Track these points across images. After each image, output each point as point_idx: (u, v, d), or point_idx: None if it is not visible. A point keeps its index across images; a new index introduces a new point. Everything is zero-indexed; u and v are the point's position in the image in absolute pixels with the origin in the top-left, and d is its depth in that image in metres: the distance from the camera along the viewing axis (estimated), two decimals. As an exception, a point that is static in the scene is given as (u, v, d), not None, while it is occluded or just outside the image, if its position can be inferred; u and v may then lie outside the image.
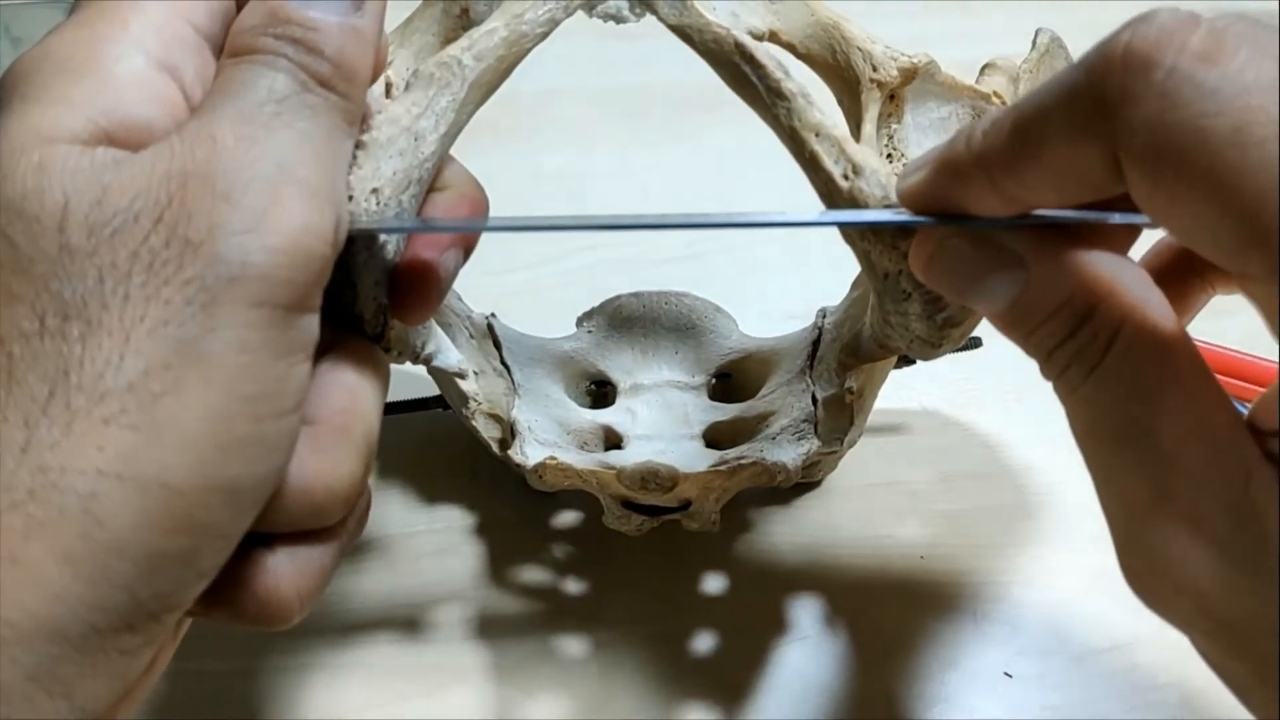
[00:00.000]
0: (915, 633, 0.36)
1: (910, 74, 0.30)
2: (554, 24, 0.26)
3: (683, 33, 0.26)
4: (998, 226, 0.22)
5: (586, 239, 0.40)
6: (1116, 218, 0.21)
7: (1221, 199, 0.18)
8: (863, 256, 0.25)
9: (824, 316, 0.38)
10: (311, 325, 0.21)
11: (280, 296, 0.19)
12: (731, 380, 0.40)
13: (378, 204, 0.24)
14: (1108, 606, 0.37)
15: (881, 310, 0.26)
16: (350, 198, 0.23)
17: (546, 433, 0.36)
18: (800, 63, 0.30)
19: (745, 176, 0.50)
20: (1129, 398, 0.20)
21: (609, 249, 0.46)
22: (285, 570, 0.22)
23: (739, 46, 0.25)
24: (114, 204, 0.19)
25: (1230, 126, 0.17)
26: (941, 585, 0.38)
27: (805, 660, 0.36)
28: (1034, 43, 0.37)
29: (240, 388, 0.19)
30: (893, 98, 0.31)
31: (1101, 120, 0.19)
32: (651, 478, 0.31)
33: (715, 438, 0.38)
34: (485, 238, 0.27)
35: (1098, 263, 0.21)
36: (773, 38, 0.29)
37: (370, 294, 0.24)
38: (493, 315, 0.39)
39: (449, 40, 0.30)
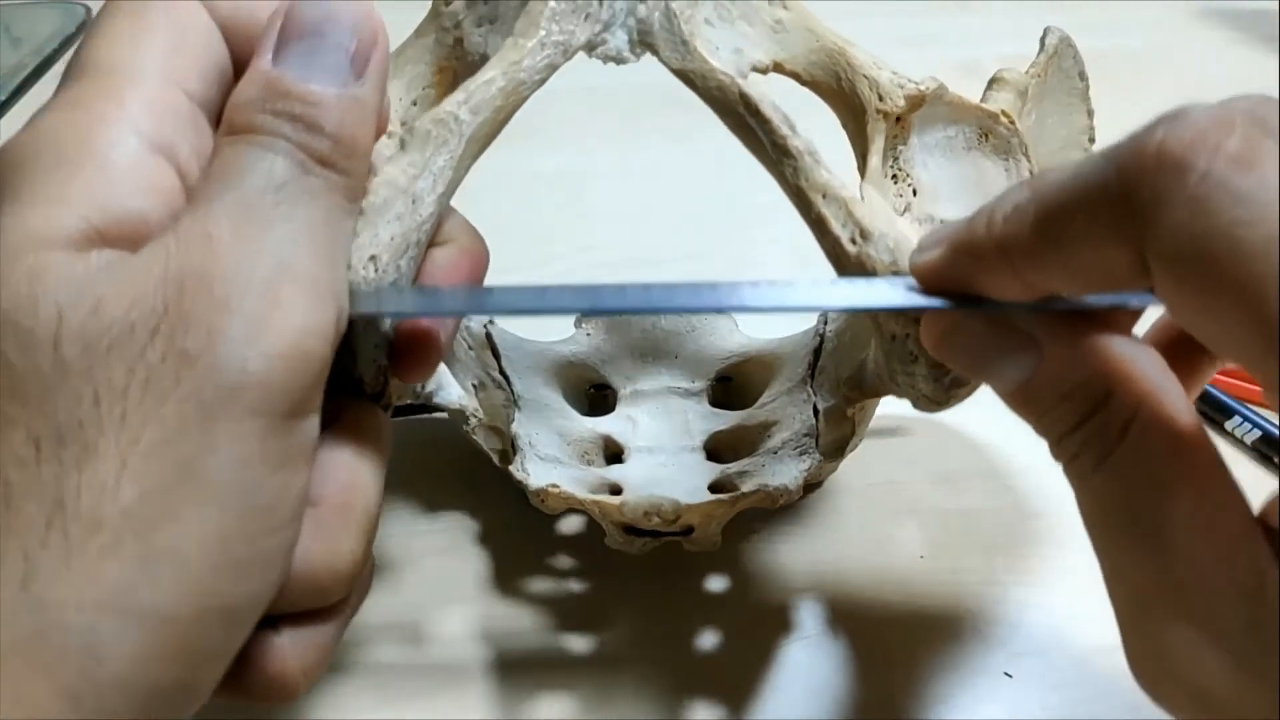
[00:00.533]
0: (915, 633, 0.36)
1: (918, 101, 0.29)
2: (553, 70, 0.25)
3: (686, 77, 0.26)
4: (1015, 310, 0.21)
5: (587, 239, 0.39)
6: (1134, 301, 0.21)
7: (1250, 310, 0.17)
8: (870, 315, 0.25)
9: (825, 324, 0.38)
10: (312, 428, 0.20)
11: (279, 404, 0.19)
12: (732, 383, 0.40)
13: (375, 271, 0.23)
14: (1108, 606, 0.36)
15: (888, 367, 0.25)
16: (349, 266, 0.23)
17: (547, 446, 0.36)
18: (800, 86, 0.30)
19: (744, 177, 0.48)
20: (1140, 490, 0.20)
21: (610, 250, 0.45)
22: (291, 650, 0.22)
23: (744, 98, 0.25)
24: (109, 314, 0.18)
25: (1264, 236, 0.17)
26: (941, 585, 0.38)
27: (806, 660, 0.36)
28: (1042, 44, 0.36)
29: (239, 506, 0.19)
30: (899, 120, 0.30)
31: (1131, 221, 0.18)
32: (655, 512, 0.31)
33: (716, 447, 0.38)
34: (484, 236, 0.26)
35: (1113, 348, 0.21)
36: (776, 68, 0.28)
37: (370, 357, 0.24)
38: (490, 323, 0.38)
39: (442, 70, 0.29)
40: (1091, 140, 0.39)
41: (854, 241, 0.24)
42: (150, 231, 0.19)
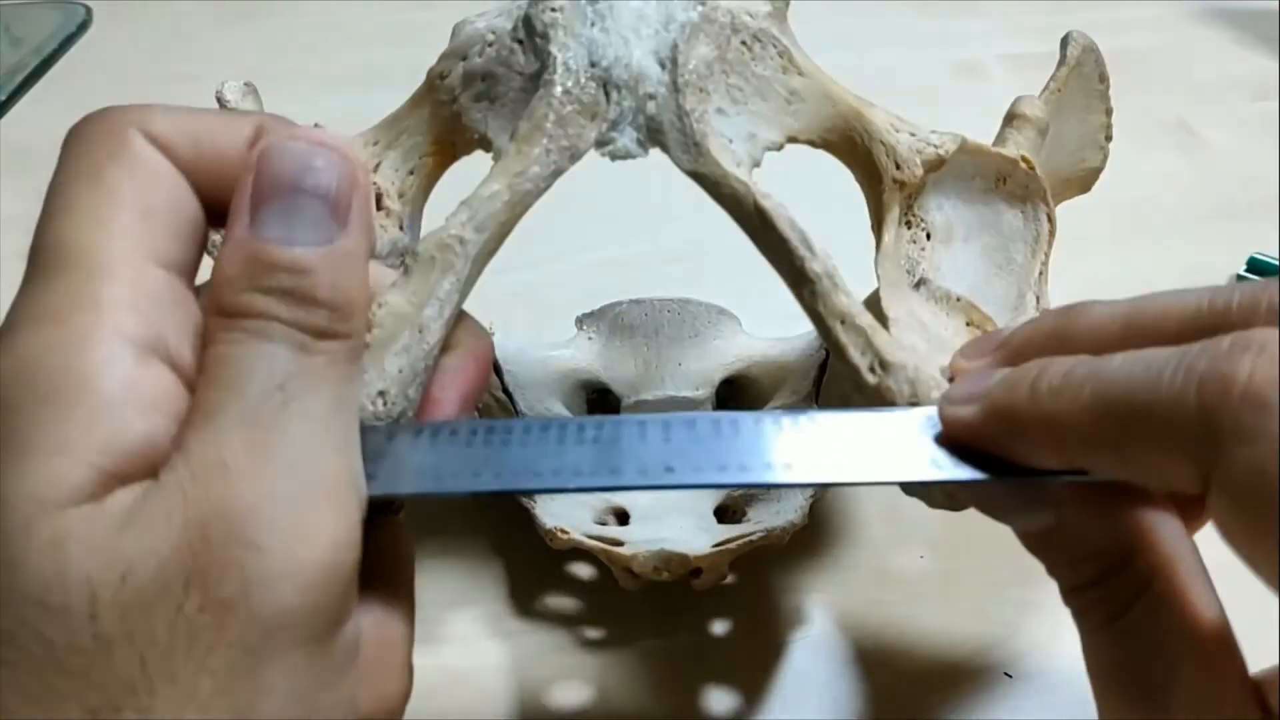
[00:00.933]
0: (915, 633, 0.37)
1: (936, 165, 0.28)
2: (559, 174, 0.24)
3: (698, 179, 0.25)
4: (1049, 480, 0.21)
5: (587, 238, 0.38)
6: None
7: None
8: None
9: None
10: (355, 629, 0.20)
11: (320, 627, 0.19)
12: (735, 385, 0.40)
13: (385, 405, 0.23)
14: None
15: (903, 486, 0.25)
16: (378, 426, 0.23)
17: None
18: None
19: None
20: (1146, 655, 0.20)
21: (612, 249, 0.44)
22: None
23: (760, 212, 0.24)
24: (140, 578, 0.18)
25: None
26: (941, 585, 0.38)
27: (806, 660, 0.36)
28: (1063, 55, 0.34)
29: None
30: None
31: (1204, 445, 0.18)
32: (665, 567, 0.31)
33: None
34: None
35: (1135, 515, 0.21)
36: (790, 140, 0.27)
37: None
38: (490, 334, 0.38)
39: (439, 143, 0.28)
40: (1108, 138, 0.38)
41: (873, 371, 0.23)
42: (159, 452, 0.19)
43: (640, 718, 0.35)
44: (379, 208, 0.27)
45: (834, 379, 0.37)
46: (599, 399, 0.40)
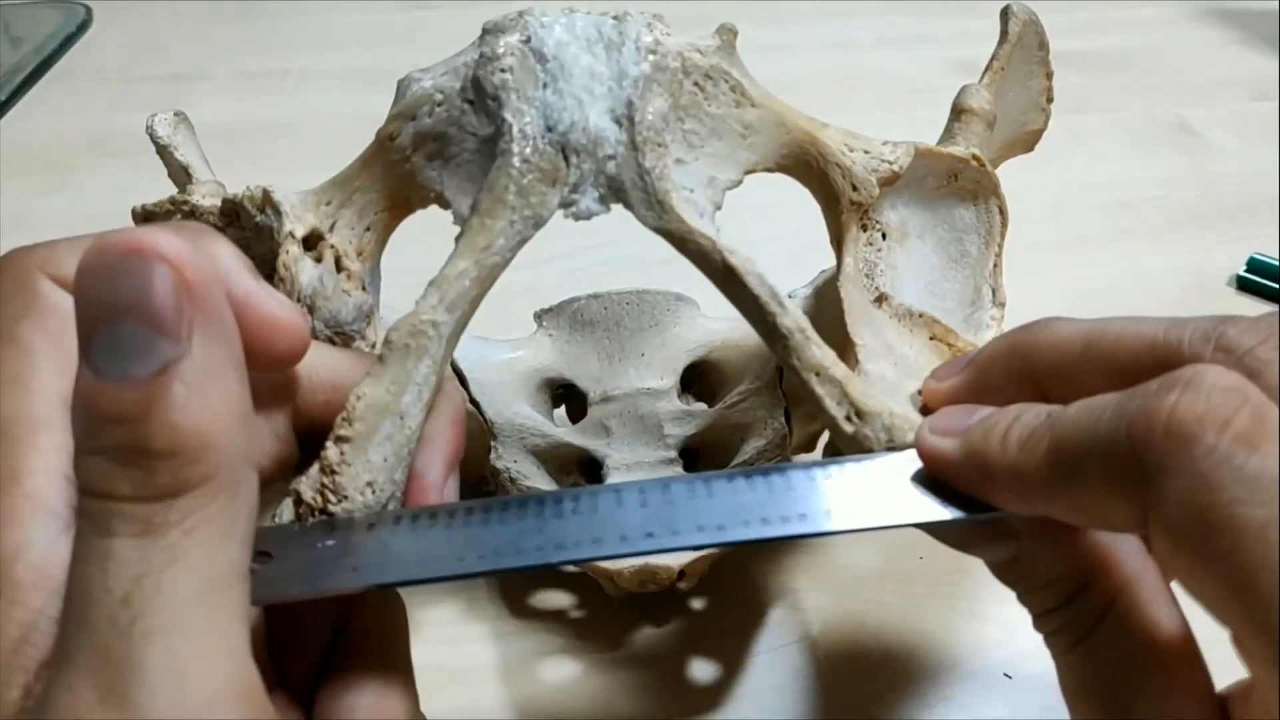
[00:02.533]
0: (915, 633, 0.37)
1: (891, 180, 0.28)
2: (525, 242, 0.24)
3: (664, 235, 0.25)
4: (1017, 517, 0.22)
5: (587, 239, 0.37)
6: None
7: (1238, 588, 0.18)
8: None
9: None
10: None
11: None
12: (699, 370, 0.40)
13: (374, 494, 0.23)
14: None
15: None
16: (345, 498, 0.23)
17: (530, 479, 0.37)
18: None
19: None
20: (1112, 673, 0.21)
21: (611, 248, 0.44)
22: None
23: (727, 269, 0.24)
24: None
25: (1261, 520, 0.17)
26: (941, 585, 0.38)
27: (805, 660, 0.36)
28: (1004, 32, 0.34)
29: None
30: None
31: (1137, 482, 0.19)
32: (650, 580, 0.32)
33: (691, 447, 0.38)
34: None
35: (1095, 538, 0.22)
36: (749, 172, 0.27)
37: None
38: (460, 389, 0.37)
39: (394, 199, 0.27)
40: (1049, 100, 0.38)
41: (850, 420, 0.24)
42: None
43: (634, 709, 0.35)
44: (339, 270, 0.27)
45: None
46: (564, 394, 0.40)
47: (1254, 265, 0.54)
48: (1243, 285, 0.54)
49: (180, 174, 0.33)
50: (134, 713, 0.16)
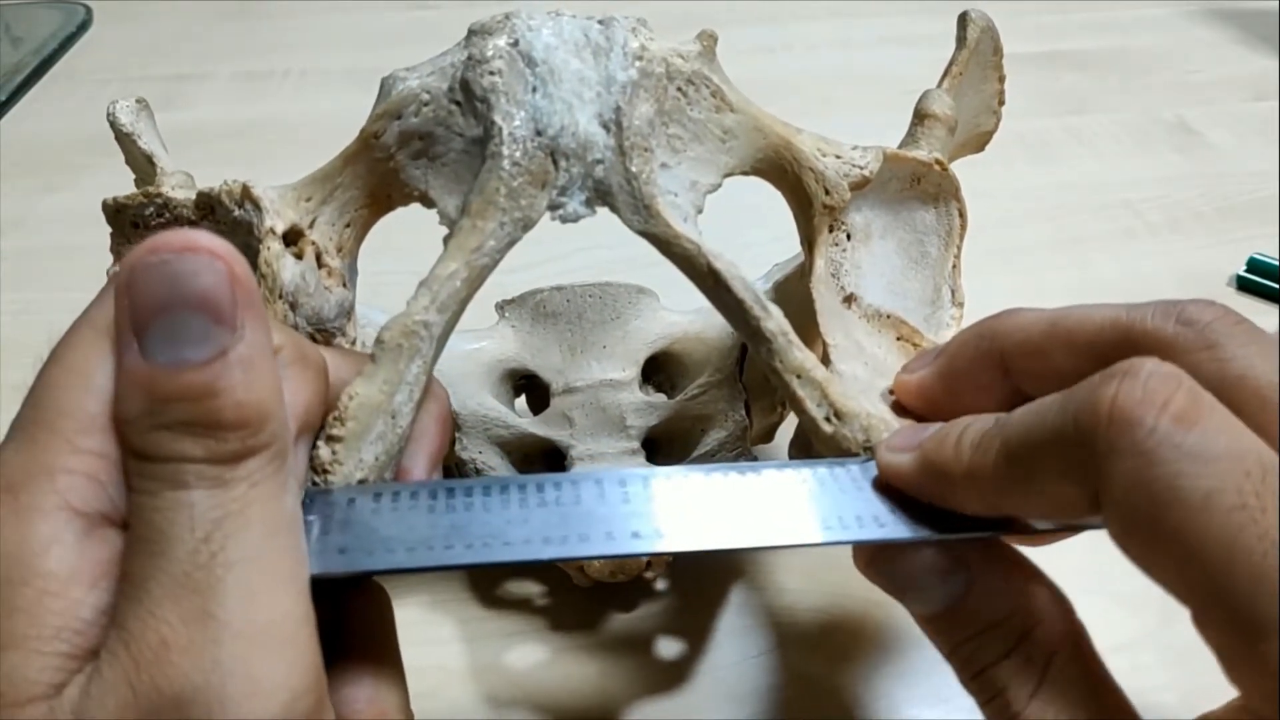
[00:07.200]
0: (915, 633, 0.36)
1: (862, 185, 0.29)
2: (514, 244, 0.25)
3: (650, 239, 0.25)
4: (978, 536, 0.23)
5: (589, 238, 0.37)
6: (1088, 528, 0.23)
7: (1188, 559, 0.19)
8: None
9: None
10: None
11: None
12: (659, 363, 0.41)
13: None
14: (1108, 607, 0.36)
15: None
16: (332, 490, 0.23)
17: (495, 470, 0.37)
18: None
19: (742, 176, 0.45)
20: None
21: (611, 249, 0.44)
22: None
23: (713, 273, 0.24)
24: None
25: (1203, 492, 0.18)
26: None
27: (804, 660, 0.36)
28: (962, 37, 0.35)
29: None
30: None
31: (1087, 467, 0.20)
32: (620, 570, 0.32)
33: (653, 438, 0.39)
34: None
35: (1040, 583, 0.23)
36: (727, 176, 0.27)
37: None
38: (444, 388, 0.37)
39: (375, 196, 0.27)
40: (1001, 103, 0.39)
41: (829, 420, 0.24)
42: (104, 621, 0.19)
43: (603, 691, 0.35)
44: (320, 266, 0.27)
45: (754, 362, 0.38)
46: (525, 385, 0.41)
47: (1254, 265, 0.54)
48: (1243, 285, 0.54)
49: (142, 163, 0.33)
50: (214, 628, 0.18)
